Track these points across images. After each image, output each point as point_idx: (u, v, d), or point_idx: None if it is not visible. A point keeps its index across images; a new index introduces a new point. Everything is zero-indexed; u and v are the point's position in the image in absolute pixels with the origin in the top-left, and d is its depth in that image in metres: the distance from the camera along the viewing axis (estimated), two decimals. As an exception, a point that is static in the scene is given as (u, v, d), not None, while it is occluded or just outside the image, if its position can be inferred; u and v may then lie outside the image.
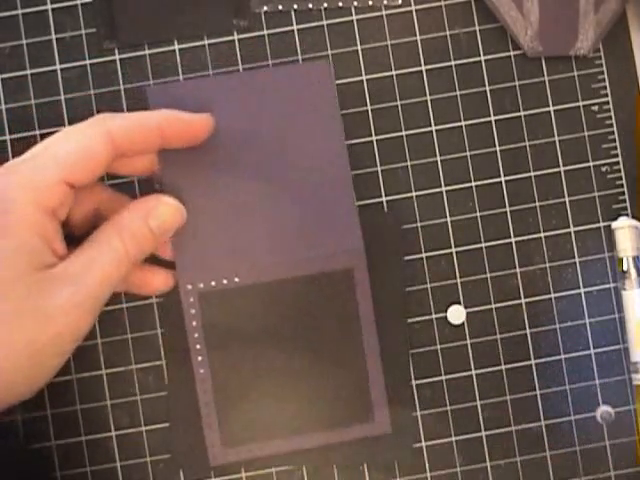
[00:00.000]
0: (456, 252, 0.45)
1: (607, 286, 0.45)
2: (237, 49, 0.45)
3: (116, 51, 0.45)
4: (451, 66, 0.46)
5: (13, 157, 0.45)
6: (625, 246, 0.44)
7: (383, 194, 0.45)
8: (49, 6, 0.45)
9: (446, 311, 0.45)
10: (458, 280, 0.45)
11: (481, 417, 0.44)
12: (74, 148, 0.35)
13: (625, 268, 0.44)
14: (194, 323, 0.43)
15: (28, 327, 0.33)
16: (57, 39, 0.45)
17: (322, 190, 0.43)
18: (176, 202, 0.40)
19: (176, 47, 0.45)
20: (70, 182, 0.35)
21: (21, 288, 0.33)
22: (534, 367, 0.45)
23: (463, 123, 0.45)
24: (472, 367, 0.45)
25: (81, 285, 0.35)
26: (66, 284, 0.34)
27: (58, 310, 0.34)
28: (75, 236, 0.39)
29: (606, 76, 0.46)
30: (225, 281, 0.43)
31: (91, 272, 0.35)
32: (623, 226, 0.44)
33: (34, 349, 0.34)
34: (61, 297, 0.34)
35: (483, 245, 0.45)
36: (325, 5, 0.45)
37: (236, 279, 0.43)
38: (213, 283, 0.43)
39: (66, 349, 0.35)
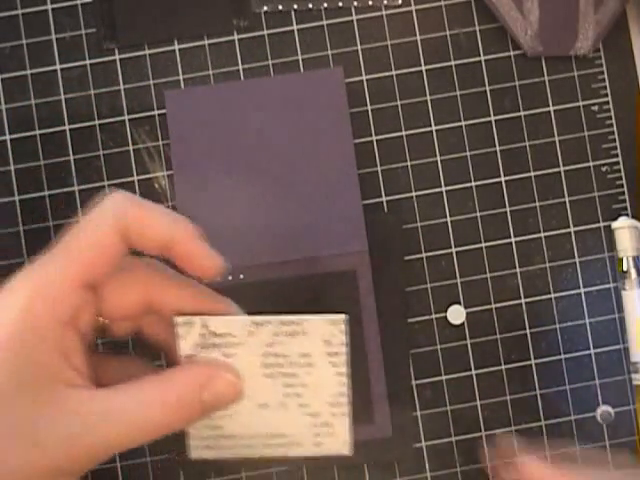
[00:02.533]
0: (456, 252, 0.45)
1: (607, 286, 0.45)
2: (237, 49, 0.45)
3: (116, 51, 0.45)
4: (451, 66, 0.45)
5: (13, 157, 0.45)
6: (625, 246, 0.44)
7: (383, 194, 0.45)
8: (49, 6, 0.45)
9: (446, 311, 0.45)
10: (458, 280, 0.45)
11: (481, 417, 0.44)
12: (88, 245, 0.31)
13: (625, 268, 0.44)
14: None
15: (21, 449, 0.29)
16: (57, 39, 0.45)
17: (329, 193, 0.44)
18: (233, 376, 0.33)
19: (176, 47, 0.45)
20: (88, 282, 0.31)
21: (23, 406, 0.29)
22: (534, 367, 0.45)
23: (463, 123, 0.45)
24: (472, 367, 0.44)
25: (100, 428, 0.30)
26: (86, 417, 0.30)
27: (61, 438, 0.30)
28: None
29: (606, 76, 0.46)
30: (230, 277, 0.43)
31: (118, 423, 0.30)
32: (623, 226, 0.44)
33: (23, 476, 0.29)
34: (71, 426, 0.30)
35: (483, 245, 0.45)
36: (325, 5, 0.45)
37: (241, 276, 0.43)
38: (218, 279, 0.43)
39: None
